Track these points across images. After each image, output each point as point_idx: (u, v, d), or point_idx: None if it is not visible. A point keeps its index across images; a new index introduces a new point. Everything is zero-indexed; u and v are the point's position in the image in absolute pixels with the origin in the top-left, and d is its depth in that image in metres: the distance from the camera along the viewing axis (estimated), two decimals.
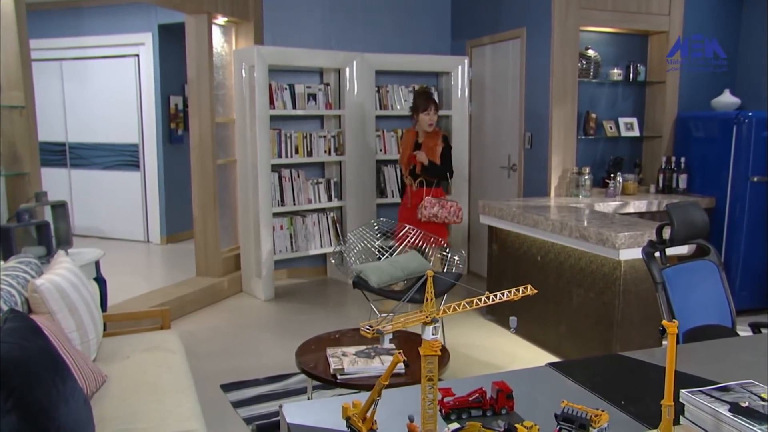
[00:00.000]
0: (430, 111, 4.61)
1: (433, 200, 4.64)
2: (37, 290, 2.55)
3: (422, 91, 4.94)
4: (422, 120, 4.63)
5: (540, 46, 5.06)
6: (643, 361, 1.91)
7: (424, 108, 4.61)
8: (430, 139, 4.68)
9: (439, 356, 1.33)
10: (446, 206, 4.64)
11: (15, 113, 3.79)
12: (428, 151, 4.64)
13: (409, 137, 4.83)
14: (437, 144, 4.68)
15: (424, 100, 4.66)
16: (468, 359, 4.06)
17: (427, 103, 4.61)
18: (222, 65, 5.66)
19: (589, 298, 3.76)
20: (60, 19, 7.23)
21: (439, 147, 4.67)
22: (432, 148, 4.66)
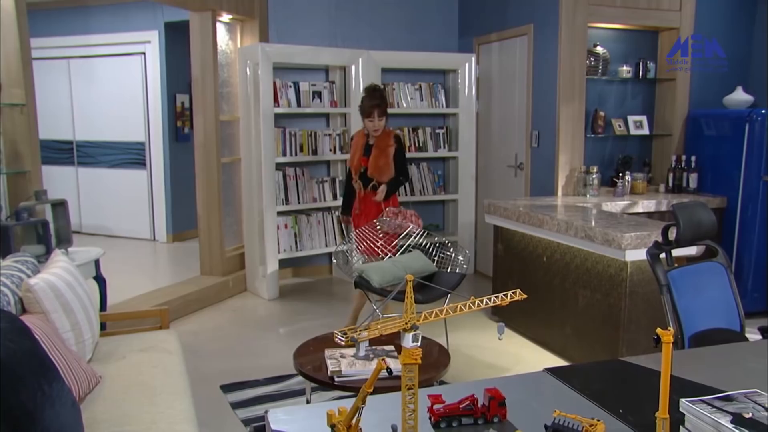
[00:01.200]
0: (374, 118, 4.18)
1: (395, 210, 4.32)
2: (30, 290, 2.52)
3: (369, 91, 4.32)
4: (367, 126, 4.27)
5: (547, 43, 4.98)
6: (647, 368, 1.84)
7: (368, 114, 4.19)
8: (381, 140, 4.29)
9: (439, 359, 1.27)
10: (407, 216, 4.32)
11: (16, 111, 3.78)
12: (380, 153, 4.25)
13: (359, 139, 4.42)
14: (389, 145, 4.29)
15: (368, 104, 4.20)
16: (471, 361, 4.00)
17: (371, 108, 4.17)
18: (227, 63, 5.63)
19: (596, 300, 3.68)
20: (68, 18, 7.24)
21: (392, 148, 4.29)
22: (384, 149, 4.27)
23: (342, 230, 5.85)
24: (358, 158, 4.35)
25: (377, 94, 4.27)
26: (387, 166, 4.27)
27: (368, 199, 4.36)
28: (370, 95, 4.25)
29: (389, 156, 4.26)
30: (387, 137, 4.30)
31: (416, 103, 6.04)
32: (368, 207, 4.37)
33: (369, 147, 4.32)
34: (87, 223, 7.66)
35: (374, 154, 4.26)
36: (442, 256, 4.27)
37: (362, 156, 4.32)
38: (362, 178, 4.34)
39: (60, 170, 7.64)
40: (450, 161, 6.31)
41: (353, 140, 4.51)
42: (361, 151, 4.34)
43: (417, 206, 6.26)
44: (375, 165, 4.27)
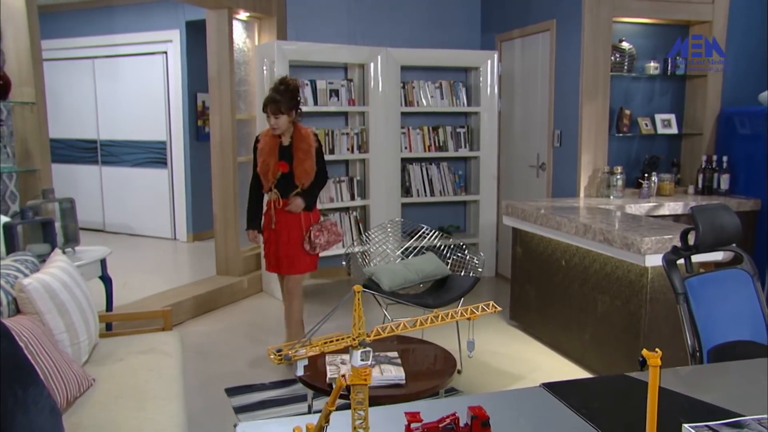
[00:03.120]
0: (268, 114, 3.65)
1: (318, 227, 3.79)
2: (24, 290, 2.47)
3: (273, 87, 3.77)
4: (268, 123, 3.73)
5: (570, 39, 4.80)
6: None
7: (264, 109, 3.67)
8: (303, 141, 3.71)
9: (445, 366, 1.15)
10: (330, 228, 3.83)
11: (26, 109, 3.77)
12: (305, 156, 3.69)
13: (268, 140, 3.75)
14: (311, 146, 3.73)
15: (264, 101, 3.70)
16: (485, 367, 3.86)
17: (264, 105, 3.67)
18: (244, 61, 5.58)
19: (615, 306, 3.51)
20: (92, 18, 7.30)
21: (313, 148, 3.75)
22: (308, 151, 3.70)
23: (360, 231, 5.76)
24: (273, 163, 3.70)
25: (281, 88, 3.67)
26: (313, 168, 3.75)
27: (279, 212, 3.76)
28: (272, 89, 3.74)
29: (314, 157, 3.74)
30: (308, 137, 3.75)
31: (436, 102, 5.91)
32: (289, 220, 3.74)
33: (285, 149, 3.72)
34: (110, 221, 7.72)
35: (299, 157, 3.68)
36: (456, 258, 4.14)
37: (278, 160, 3.70)
38: (280, 185, 3.72)
39: (85, 169, 7.72)
40: (471, 161, 6.16)
41: (258, 142, 3.81)
42: (275, 155, 3.71)
43: (437, 207, 6.17)
44: (302, 169, 3.69)
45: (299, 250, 3.78)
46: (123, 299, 4.48)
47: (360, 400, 1.09)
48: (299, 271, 3.85)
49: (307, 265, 3.87)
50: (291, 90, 3.69)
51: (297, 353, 1.05)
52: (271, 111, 3.64)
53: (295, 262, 3.80)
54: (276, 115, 3.64)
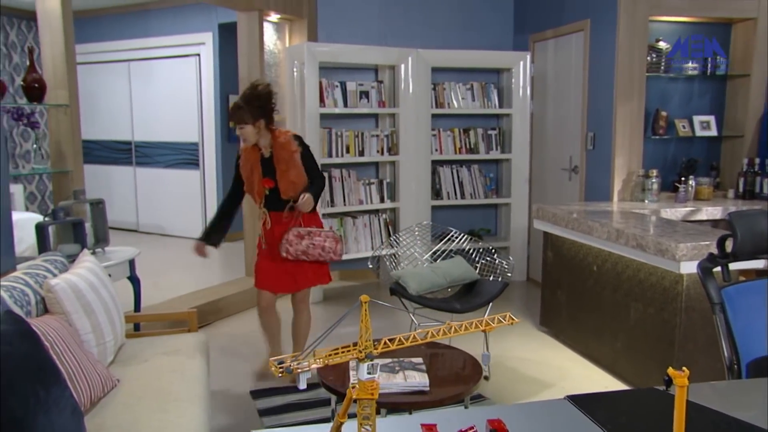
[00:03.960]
0: (244, 128, 3.31)
1: (301, 231, 3.39)
2: (51, 290, 2.50)
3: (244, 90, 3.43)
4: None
5: (605, 39, 4.69)
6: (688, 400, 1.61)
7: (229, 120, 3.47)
8: (282, 149, 3.35)
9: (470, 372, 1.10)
10: (318, 239, 3.44)
11: (60, 112, 3.83)
12: (287, 166, 3.33)
13: (249, 155, 3.44)
14: (293, 151, 3.35)
15: (231, 107, 3.39)
16: (514, 374, 3.79)
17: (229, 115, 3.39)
18: (275, 63, 5.60)
19: (648, 314, 3.40)
20: (128, 22, 7.43)
21: (297, 153, 3.36)
22: (289, 160, 3.33)
23: (389, 234, 5.72)
24: (258, 181, 3.39)
25: (248, 94, 3.34)
26: (301, 177, 3.37)
27: (280, 229, 3.43)
28: (240, 96, 3.41)
29: (299, 164, 3.35)
30: (287, 144, 3.37)
31: (468, 104, 5.84)
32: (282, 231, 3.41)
33: (267, 161, 3.39)
34: (144, 222, 7.84)
35: (281, 169, 3.33)
36: (485, 262, 4.07)
37: (262, 177, 3.39)
38: (268, 202, 3.44)
39: (120, 170, 7.86)
40: (503, 164, 6.07)
41: (240, 159, 3.51)
42: (258, 170, 3.40)
43: (467, 210, 6.10)
44: (287, 182, 3.34)
45: (302, 265, 3.48)
46: (153, 299, 4.53)
47: (367, 415, 1.05)
48: (304, 286, 3.58)
49: (313, 279, 3.56)
50: (259, 96, 3.31)
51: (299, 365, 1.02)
52: (234, 120, 3.33)
53: (299, 279, 3.52)
54: (240, 125, 3.30)
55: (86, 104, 8.06)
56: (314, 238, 3.42)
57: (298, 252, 3.39)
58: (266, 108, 3.34)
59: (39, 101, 3.70)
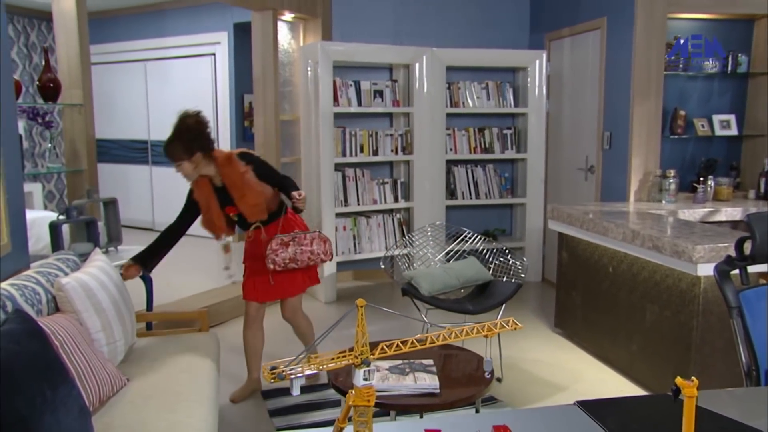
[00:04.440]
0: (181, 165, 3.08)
1: (284, 238, 3.20)
2: (62, 289, 2.51)
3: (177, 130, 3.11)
4: None
5: (622, 37, 4.62)
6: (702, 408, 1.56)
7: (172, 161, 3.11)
8: (230, 173, 3.09)
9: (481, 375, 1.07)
10: (305, 242, 3.24)
11: (75, 111, 3.86)
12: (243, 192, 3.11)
13: (202, 188, 3.20)
14: (242, 173, 3.09)
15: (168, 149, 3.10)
16: (528, 376, 3.74)
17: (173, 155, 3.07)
18: (289, 62, 5.59)
19: (664, 317, 3.34)
20: (145, 22, 7.48)
21: (248, 173, 3.11)
22: (241, 183, 3.09)
23: (403, 233, 5.69)
24: (216, 214, 3.20)
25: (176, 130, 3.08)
26: (262, 197, 3.16)
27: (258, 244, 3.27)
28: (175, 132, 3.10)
29: (253, 184, 3.12)
30: (233, 166, 3.09)
31: (483, 103, 5.79)
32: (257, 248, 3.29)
33: (222, 190, 3.17)
34: (159, 221, 7.87)
35: (237, 195, 3.12)
36: (499, 263, 4.02)
37: (220, 209, 3.20)
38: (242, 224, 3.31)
39: (136, 169, 7.91)
40: (518, 163, 6.02)
41: (193, 194, 3.27)
42: (215, 203, 3.18)
43: (482, 210, 6.05)
44: (248, 206, 3.15)
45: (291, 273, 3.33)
46: (167, 298, 4.53)
47: (363, 422, 1.03)
48: (295, 292, 3.44)
49: (303, 283, 3.42)
50: (189, 129, 3.07)
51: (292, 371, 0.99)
52: (169, 158, 3.09)
53: (286, 286, 3.38)
54: (176, 162, 3.07)
55: (103, 104, 8.14)
56: (301, 242, 3.23)
57: (285, 260, 3.19)
58: (200, 139, 3.08)
59: (54, 101, 3.73)
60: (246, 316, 3.49)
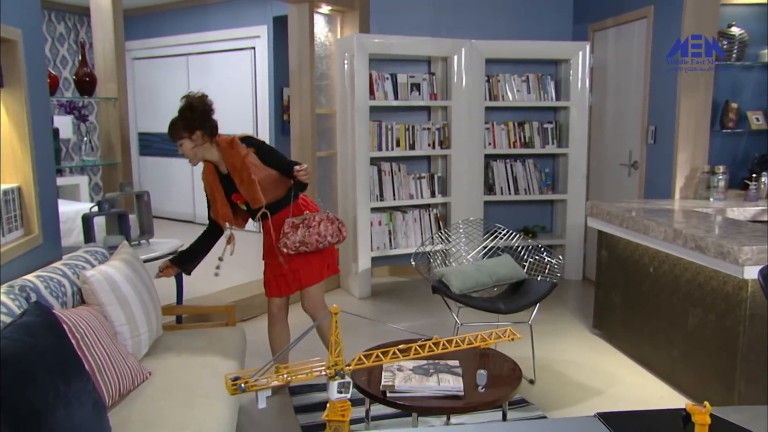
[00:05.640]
0: (182, 143, 3.04)
1: (295, 221, 3.12)
2: (87, 281, 2.52)
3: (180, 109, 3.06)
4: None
5: (669, 26, 4.41)
6: (729, 422, 1.44)
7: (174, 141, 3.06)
8: (232, 157, 3.03)
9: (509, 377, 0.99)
10: (312, 223, 3.15)
11: (110, 105, 3.90)
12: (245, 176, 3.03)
13: (208, 175, 3.17)
14: (243, 156, 3.02)
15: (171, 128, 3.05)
16: (562, 379, 3.61)
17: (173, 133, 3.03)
18: (326, 55, 5.55)
19: (708, 321, 3.17)
20: (187, 17, 7.56)
21: (250, 157, 3.04)
22: (243, 167, 3.02)
23: (440, 229, 5.59)
24: (222, 203, 3.16)
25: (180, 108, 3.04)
26: (266, 181, 3.09)
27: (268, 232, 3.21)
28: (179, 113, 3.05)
29: (258, 167, 3.06)
30: (235, 149, 3.04)
31: (523, 96, 5.64)
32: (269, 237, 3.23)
33: (227, 177, 3.12)
34: (200, 213, 7.97)
35: (239, 183, 3.06)
36: (534, 261, 3.90)
37: (226, 197, 3.15)
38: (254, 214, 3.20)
39: (178, 162, 8.01)
40: (559, 158, 5.84)
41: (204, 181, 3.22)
42: (220, 191, 3.15)
43: (522, 206, 5.90)
44: (251, 191, 3.07)
45: (306, 259, 3.24)
46: (200, 291, 4.56)
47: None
48: (314, 280, 3.29)
49: (318, 273, 3.28)
50: (191, 107, 3.04)
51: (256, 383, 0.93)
52: (171, 138, 3.04)
53: (302, 276, 3.26)
54: (177, 141, 3.03)
55: (147, 98, 8.30)
56: (310, 224, 3.15)
57: (296, 243, 3.10)
58: (202, 119, 3.02)
59: (90, 95, 3.78)
60: (269, 314, 3.43)
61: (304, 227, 3.13)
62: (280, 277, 3.27)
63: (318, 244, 3.18)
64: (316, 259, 3.27)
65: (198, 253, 3.31)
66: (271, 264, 3.31)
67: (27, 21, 2.84)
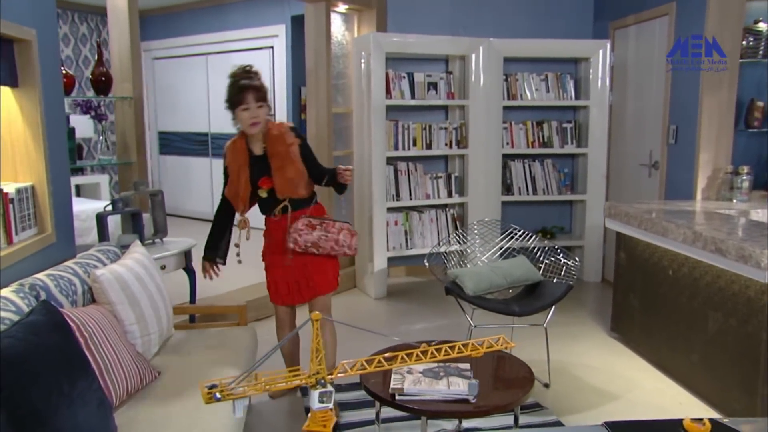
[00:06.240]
0: (249, 104, 2.87)
1: (313, 221, 3.02)
2: (96, 280, 2.53)
3: (238, 74, 2.95)
4: (243, 119, 2.92)
5: (692, 22, 4.31)
6: None
7: (239, 101, 2.88)
8: (277, 141, 2.92)
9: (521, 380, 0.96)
10: (333, 230, 3.05)
11: (126, 104, 3.92)
12: (284, 162, 2.92)
13: (236, 153, 3.01)
14: (290, 144, 2.93)
15: (236, 87, 2.89)
16: (578, 383, 3.55)
17: (241, 92, 2.86)
18: (343, 54, 5.53)
19: (729, 326, 3.08)
20: (206, 17, 7.61)
21: (295, 146, 2.95)
22: (286, 154, 2.92)
23: (457, 229, 5.54)
24: (244, 184, 2.99)
25: (250, 74, 2.93)
26: (300, 174, 2.98)
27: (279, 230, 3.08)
28: (240, 75, 2.92)
29: (297, 159, 2.95)
30: (283, 137, 2.94)
31: (542, 95, 5.56)
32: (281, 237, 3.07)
33: (259, 160, 2.98)
34: None
35: (275, 166, 2.93)
36: (550, 262, 3.83)
37: (250, 177, 2.99)
38: (265, 206, 3.09)
39: (197, 161, 8.07)
40: (578, 158, 5.76)
41: (228, 159, 3.06)
42: (246, 172, 2.98)
43: (540, 206, 5.83)
44: (283, 179, 2.95)
45: (322, 267, 3.12)
46: (215, 290, 4.56)
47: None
48: (328, 289, 3.17)
49: (319, 286, 3.14)
50: (261, 79, 2.98)
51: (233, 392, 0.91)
52: (255, 99, 2.86)
53: (317, 281, 3.12)
54: (259, 103, 2.87)
55: (167, 97, 8.36)
56: (329, 230, 3.03)
57: (307, 243, 3.00)
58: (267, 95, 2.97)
59: (105, 94, 3.80)
60: (277, 319, 3.30)
61: (321, 230, 3.03)
62: (293, 283, 3.14)
63: (331, 251, 3.07)
64: (332, 268, 3.17)
65: (221, 238, 3.26)
66: (274, 263, 3.18)
67: (41, 21, 2.85)
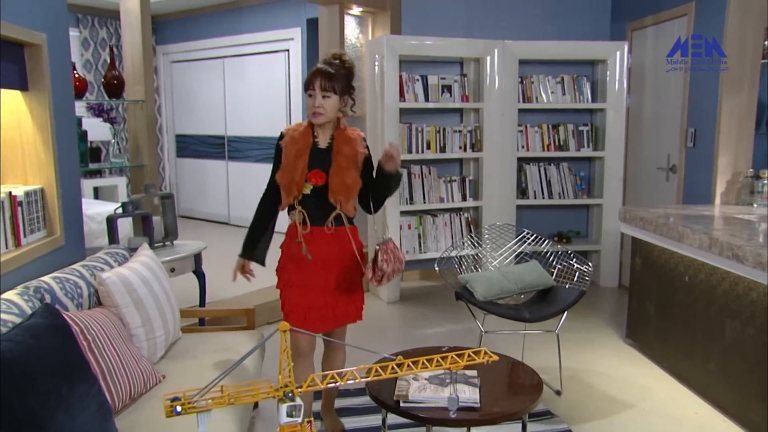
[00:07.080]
0: (314, 90, 2.56)
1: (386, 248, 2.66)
2: (102, 283, 2.53)
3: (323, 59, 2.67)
4: (307, 105, 2.62)
5: (711, 23, 4.22)
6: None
7: (307, 84, 2.59)
8: (346, 142, 2.66)
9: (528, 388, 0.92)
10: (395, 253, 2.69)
11: (138, 107, 3.93)
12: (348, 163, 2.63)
13: (299, 138, 2.65)
14: (358, 151, 2.68)
15: (310, 72, 2.61)
16: (590, 390, 3.48)
17: (311, 77, 2.58)
18: (357, 57, 5.51)
19: (747, 335, 3.00)
20: (223, 20, 7.65)
21: (362, 155, 2.69)
22: (352, 157, 2.65)
23: (470, 232, 5.49)
24: (301, 170, 2.60)
25: (336, 63, 2.62)
26: (357, 185, 2.66)
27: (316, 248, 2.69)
28: (323, 61, 2.65)
29: (359, 168, 2.67)
30: (356, 141, 2.68)
31: (557, 98, 5.50)
32: (333, 246, 2.70)
33: (320, 153, 2.65)
34: (234, 215, 8.05)
35: (338, 164, 2.62)
36: (563, 267, 3.76)
37: (307, 168, 2.61)
38: (308, 203, 2.66)
39: (213, 164, 8.11)
40: (595, 162, 5.68)
41: (285, 140, 2.69)
42: (305, 159, 2.62)
43: (555, 210, 5.76)
44: (341, 181, 2.60)
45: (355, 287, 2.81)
46: (228, 293, 4.56)
47: None
48: (345, 320, 2.83)
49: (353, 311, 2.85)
50: (347, 69, 2.65)
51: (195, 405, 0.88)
52: (321, 86, 2.55)
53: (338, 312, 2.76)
54: (326, 92, 2.55)
55: (184, 100, 8.42)
56: (395, 254, 2.68)
57: (389, 273, 2.65)
58: (351, 85, 2.67)
59: (117, 97, 3.82)
60: (294, 348, 2.74)
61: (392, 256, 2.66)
62: (325, 308, 2.73)
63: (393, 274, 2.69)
64: (359, 295, 2.87)
65: (261, 236, 2.93)
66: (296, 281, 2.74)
67: (52, 26, 2.87)
